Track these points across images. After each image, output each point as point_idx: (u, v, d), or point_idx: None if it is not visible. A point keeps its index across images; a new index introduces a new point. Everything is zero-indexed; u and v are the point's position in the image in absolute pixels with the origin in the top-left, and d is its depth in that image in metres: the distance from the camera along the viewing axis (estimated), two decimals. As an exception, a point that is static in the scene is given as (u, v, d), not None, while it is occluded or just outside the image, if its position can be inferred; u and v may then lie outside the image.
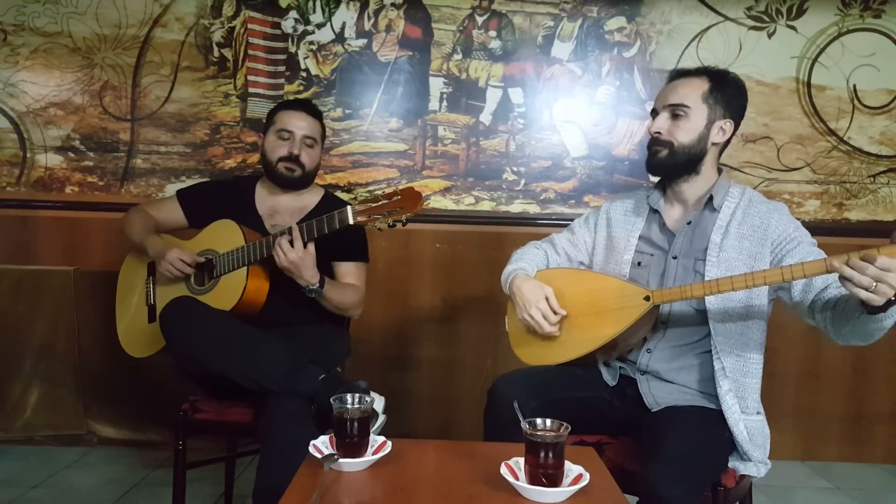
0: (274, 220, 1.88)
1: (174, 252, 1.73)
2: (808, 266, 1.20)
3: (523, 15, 2.60)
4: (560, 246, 1.66)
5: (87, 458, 2.44)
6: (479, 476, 1.12)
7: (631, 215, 1.58)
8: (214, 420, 1.66)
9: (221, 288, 1.72)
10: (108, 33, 2.58)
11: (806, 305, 1.32)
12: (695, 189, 1.49)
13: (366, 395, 1.21)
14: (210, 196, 1.93)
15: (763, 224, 1.40)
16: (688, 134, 1.44)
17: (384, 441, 1.21)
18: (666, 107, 1.46)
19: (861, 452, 2.68)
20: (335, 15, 2.59)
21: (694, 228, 1.48)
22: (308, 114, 1.87)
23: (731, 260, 1.39)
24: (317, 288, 1.68)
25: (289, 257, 1.60)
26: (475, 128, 2.63)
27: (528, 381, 1.43)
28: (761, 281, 1.26)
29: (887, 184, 2.66)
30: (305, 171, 1.86)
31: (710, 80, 1.46)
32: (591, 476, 1.08)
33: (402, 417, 2.64)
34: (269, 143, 1.87)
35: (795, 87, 2.62)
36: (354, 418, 1.16)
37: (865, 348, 2.61)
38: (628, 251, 1.52)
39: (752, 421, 1.39)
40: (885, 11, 2.59)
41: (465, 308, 2.65)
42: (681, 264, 1.46)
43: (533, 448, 1.06)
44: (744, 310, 1.40)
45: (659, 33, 2.59)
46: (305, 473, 1.13)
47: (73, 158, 2.62)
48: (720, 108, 1.45)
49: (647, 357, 1.48)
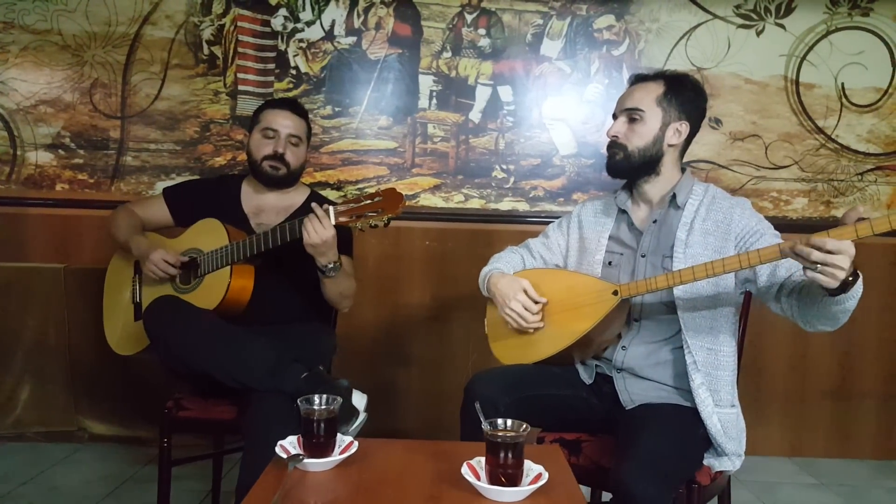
0: (259, 219, 1.88)
1: (158, 253, 1.74)
2: (763, 252, 1.25)
3: (512, 13, 2.60)
4: (535, 250, 1.70)
5: (78, 455, 2.45)
6: (444, 476, 1.13)
7: (601, 216, 1.62)
8: (199, 418, 1.68)
9: (205, 287, 1.73)
10: (98, 31, 2.58)
11: (773, 293, 1.36)
12: (657, 188, 1.53)
13: (335, 397, 1.21)
14: (196, 195, 1.93)
15: (726, 219, 1.44)
16: (642, 138, 1.48)
17: (351, 441, 1.22)
18: (623, 111, 1.52)
19: (847, 448, 2.70)
20: (325, 13, 2.60)
21: (660, 226, 1.51)
22: (293, 112, 1.88)
23: (697, 255, 1.42)
24: (337, 266, 1.68)
25: (321, 236, 1.57)
26: (465, 126, 2.64)
27: (504, 379, 1.45)
28: (720, 269, 1.30)
29: (875, 182, 2.68)
30: (290, 170, 1.86)
31: (665, 84, 1.50)
32: (552, 475, 1.09)
33: (391, 415, 2.66)
34: (255, 141, 1.87)
35: (784, 86, 2.63)
36: (321, 419, 1.17)
37: (852, 344, 2.66)
38: (599, 251, 1.56)
39: (725, 414, 1.40)
40: (874, 10, 2.60)
41: (454, 305, 2.67)
42: (649, 262, 1.49)
43: (493, 448, 1.07)
44: (712, 303, 1.43)
45: (648, 31, 2.60)
46: (271, 474, 1.14)
47: (64, 156, 2.62)
48: (675, 111, 1.49)
49: (622, 354, 1.50)
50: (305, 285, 1.78)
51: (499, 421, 1.11)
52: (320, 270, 1.68)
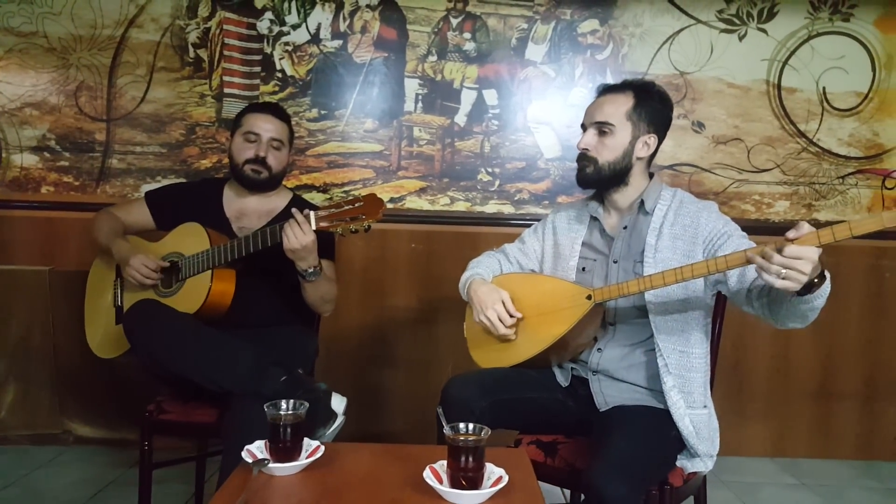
0: (241, 223, 1.89)
1: (138, 258, 1.74)
2: (730, 258, 1.27)
3: (497, 17, 2.62)
4: (512, 255, 1.72)
5: (62, 458, 2.45)
6: (408, 480, 1.15)
7: (574, 223, 1.64)
8: (180, 421, 1.68)
9: (186, 291, 1.74)
10: (84, 34, 2.58)
11: (743, 295, 1.38)
12: (626, 197, 1.56)
13: (303, 402, 1.22)
14: (178, 198, 1.94)
15: (693, 223, 1.46)
16: (612, 151, 1.50)
17: (318, 445, 1.23)
18: (593, 123, 1.53)
19: (829, 448, 2.72)
20: (310, 16, 2.61)
21: (630, 232, 1.54)
22: (275, 116, 1.88)
23: (667, 260, 1.45)
24: (318, 270, 1.69)
25: (301, 241, 1.58)
26: (450, 129, 2.66)
27: (480, 383, 1.47)
28: (689, 274, 1.32)
29: (856, 185, 2.71)
30: (272, 174, 1.87)
31: (634, 96, 1.51)
32: (514, 478, 1.11)
33: (376, 416, 2.67)
34: (236, 145, 1.88)
35: (766, 90, 2.66)
36: (288, 423, 1.18)
37: (833, 346, 2.68)
38: (573, 257, 1.58)
39: (698, 415, 1.42)
40: (854, 15, 2.63)
41: (440, 307, 2.68)
42: (621, 267, 1.52)
43: (454, 452, 1.09)
44: (682, 306, 1.45)
45: (631, 36, 2.62)
46: (236, 478, 1.15)
47: (49, 158, 2.62)
48: (644, 124, 1.51)
49: (597, 356, 1.53)
50: (286, 289, 1.79)
51: (460, 425, 1.12)
52: (301, 275, 1.69)
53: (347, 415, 1.65)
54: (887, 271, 2.70)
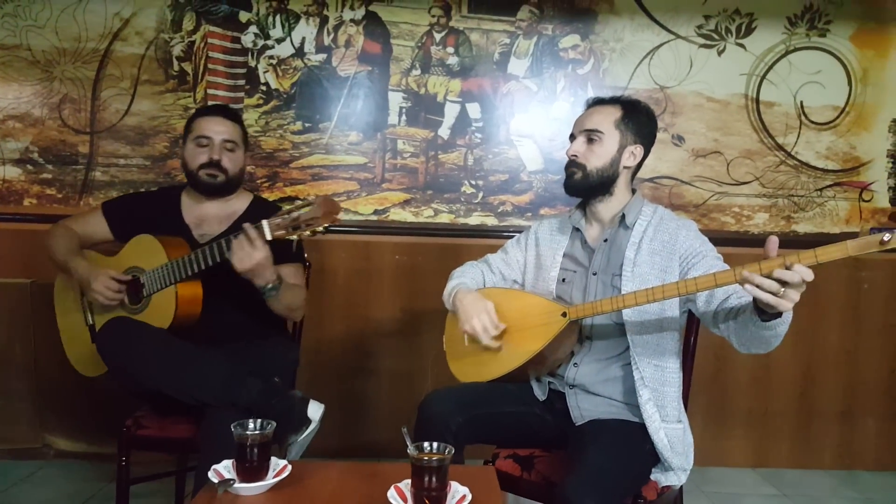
0: (202, 230, 1.85)
1: (100, 281, 1.71)
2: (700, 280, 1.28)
3: (480, 32, 2.65)
4: (495, 266, 1.72)
5: (42, 472, 2.43)
6: (373, 499, 1.15)
7: (556, 234, 1.66)
8: (158, 436, 1.68)
9: (155, 306, 1.71)
10: (68, 46, 2.59)
11: (710, 316, 1.39)
12: (609, 208, 1.58)
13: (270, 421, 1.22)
14: (135, 208, 1.90)
15: (671, 239, 1.48)
16: (600, 158, 1.53)
17: (285, 465, 1.23)
18: (582, 132, 1.56)
19: (809, 459, 2.74)
20: (295, 30, 2.63)
21: (610, 245, 1.56)
22: (225, 118, 1.85)
23: (645, 274, 1.46)
24: (276, 285, 1.65)
25: (254, 259, 1.55)
26: (434, 142, 2.68)
27: (458, 398, 1.48)
28: (660, 295, 1.33)
29: (833, 197, 2.74)
30: (229, 176, 1.83)
31: (622, 109, 1.55)
32: (478, 496, 1.12)
33: (359, 428, 2.67)
34: (189, 151, 1.84)
35: (744, 104, 2.70)
36: (255, 444, 1.18)
37: (813, 358, 2.71)
38: (554, 268, 1.60)
39: (672, 429, 1.44)
40: (830, 31, 2.68)
41: (424, 319, 2.69)
42: (600, 280, 1.53)
43: (417, 472, 1.10)
44: (658, 322, 1.47)
45: (612, 51, 2.66)
46: (202, 499, 1.15)
47: (32, 171, 2.62)
48: (631, 135, 1.54)
49: (574, 371, 1.54)
50: (252, 301, 1.73)
51: (425, 444, 1.13)
52: (259, 291, 1.66)
53: (330, 426, 1.65)
54: (865, 282, 2.73)
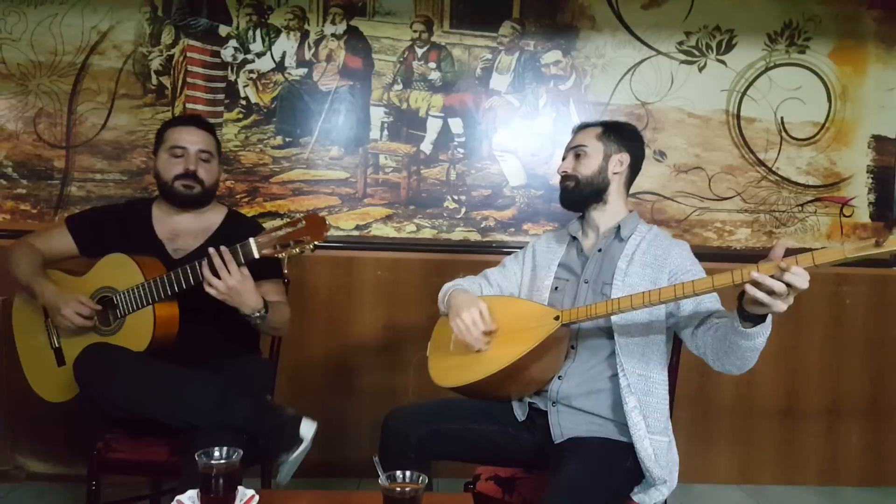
0: (176, 244, 1.80)
1: (69, 307, 1.64)
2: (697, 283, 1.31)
3: (462, 48, 2.64)
4: (493, 279, 1.76)
5: (14, 495, 2.36)
6: None
7: (553, 244, 1.72)
8: (130, 459, 1.63)
9: (130, 328, 1.66)
10: (44, 60, 2.55)
11: (691, 330, 1.43)
12: (605, 219, 1.64)
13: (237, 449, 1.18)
14: (103, 223, 1.84)
15: (664, 254, 1.53)
16: (588, 167, 1.62)
17: (252, 495, 1.19)
18: (570, 150, 1.67)
19: (794, 475, 2.74)
20: (275, 44, 2.61)
21: (603, 255, 1.60)
22: (199, 128, 1.81)
23: (635, 285, 1.49)
24: (262, 314, 1.61)
25: (228, 284, 1.51)
26: (416, 156, 2.66)
27: (420, 412, 1.49)
28: (656, 298, 1.35)
29: (815, 213, 2.76)
30: (205, 188, 1.79)
31: (603, 126, 1.66)
32: None
33: (342, 446, 2.63)
34: (162, 161, 1.79)
35: (726, 119, 2.71)
36: (220, 473, 1.14)
37: (796, 373, 2.70)
38: (548, 277, 1.63)
39: (658, 441, 1.43)
40: (809, 47, 2.71)
41: (406, 335, 2.66)
42: (591, 288, 1.56)
43: (389, 502, 1.07)
44: (644, 330, 1.48)
45: (593, 67, 2.66)
46: None
47: (5, 186, 2.57)
48: (614, 144, 1.63)
49: (557, 384, 1.52)
50: (226, 319, 1.69)
51: (397, 473, 1.10)
52: (246, 319, 1.61)
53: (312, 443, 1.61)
54: (848, 298, 2.74)
